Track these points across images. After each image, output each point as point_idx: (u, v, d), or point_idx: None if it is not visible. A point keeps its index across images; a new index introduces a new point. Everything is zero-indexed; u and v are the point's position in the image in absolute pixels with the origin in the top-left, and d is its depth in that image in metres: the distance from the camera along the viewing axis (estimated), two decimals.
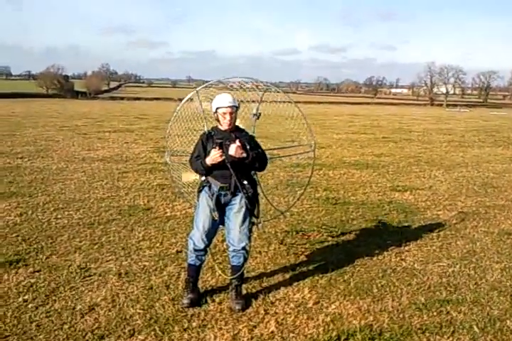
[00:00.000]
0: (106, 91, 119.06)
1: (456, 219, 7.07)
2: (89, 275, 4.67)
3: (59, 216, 6.71)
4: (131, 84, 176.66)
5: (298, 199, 6.31)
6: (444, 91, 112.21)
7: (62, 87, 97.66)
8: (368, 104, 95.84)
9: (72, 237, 5.82)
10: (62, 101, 69.62)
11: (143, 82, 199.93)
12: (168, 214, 7.01)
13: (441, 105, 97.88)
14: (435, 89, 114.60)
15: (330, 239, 6.03)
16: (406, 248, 5.72)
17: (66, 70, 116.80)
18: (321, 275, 4.77)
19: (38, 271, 4.73)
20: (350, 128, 24.76)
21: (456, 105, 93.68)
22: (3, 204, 7.25)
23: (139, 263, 5.02)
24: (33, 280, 4.49)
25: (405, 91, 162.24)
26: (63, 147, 14.13)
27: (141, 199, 7.86)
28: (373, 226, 6.65)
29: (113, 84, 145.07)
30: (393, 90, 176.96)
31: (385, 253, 5.52)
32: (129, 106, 54.52)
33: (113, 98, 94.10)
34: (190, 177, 5.20)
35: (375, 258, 5.33)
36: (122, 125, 23.13)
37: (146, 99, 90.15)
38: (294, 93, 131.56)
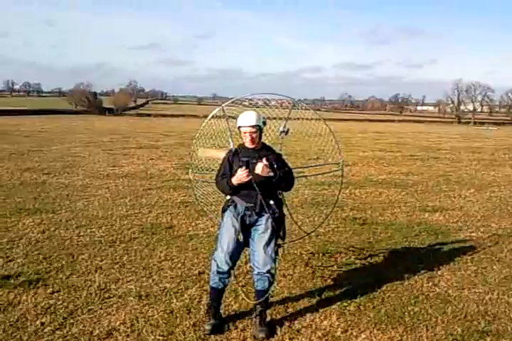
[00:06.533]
0: (133, 108, 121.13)
1: (491, 242, 6.74)
2: (109, 297, 4.53)
3: (81, 233, 6.64)
4: (157, 101, 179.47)
5: (324, 220, 6.09)
6: (471, 108, 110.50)
7: (90, 103, 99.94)
8: (392, 121, 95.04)
9: (94, 256, 5.72)
10: (89, 117, 71.04)
11: (169, 99, 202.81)
12: (191, 232, 6.87)
13: (468, 123, 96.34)
14: (462, 107, 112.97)
15: (358, 261, 5.79)
16: (438, 272, 5.43)
17: (95, 87, 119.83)
18: (349, 301, 4.53)
19: (57, 292, 4.61)
20: (376, 145, 24.46)
21: (483, 123, 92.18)
22: (28, 221, 7.23)
23: (160, 285, 4.87)
24: (51, 302, 4.37)
25: (431, 108, 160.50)
26: (89, 163, 14.23)
27: (164, 216, 7.75)
28: (403, 249, 6.38)
29: (140, 101, 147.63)
30: (419, 108, 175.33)
31: (417, 277, 5.24)
32: (155, 122, 55.27)
33: (140, 114, 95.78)
34: (210, 153, 5.12)
35: (406, 283, 5.06)
36: (148, 141, 23.32)
37: (172, 115, 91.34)
38: (318, 110, 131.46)
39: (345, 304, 4.48)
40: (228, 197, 4.19)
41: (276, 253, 4.11)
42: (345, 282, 5.06)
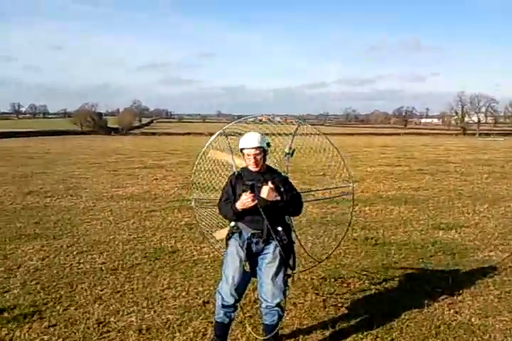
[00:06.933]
0: (138, 127, 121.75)
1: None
2: (108, 331, 4.24)
3: (81, 260, 6.37)
4: (162, 120, 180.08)
5: (336, 247, 5.74)
6: (476, 120, 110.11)
7: (95, 123, 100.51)
8: (398, 134, 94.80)
9: (93, 285, 5.44)
10: (95, 137, 71.27)
11: (173, 118, 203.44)
12: (196, 257, 6.58)
13: (473, 134, 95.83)
14: (466, 118, 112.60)
15: (372, 287, 5.45)
16: (459, 297, 5.09)
17: (99, 107, 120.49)
18: (365, 333, 4.21)
19: (53, 326, 4.34)
20: (383, 160, 24.13)
21: (488, 134, 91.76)
22: (27, 247, 6.98)
23: (163, 317, 4.57)
24: (46, 338, 4.10)
25: (435, 120, 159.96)
26: (92, 184, 14.02)
27: (168, 240, 7.48)
28: (419, 271, 6.05)
29: (145, 120, 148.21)
30: (423, 120, 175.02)
31: (436, 304, 4.91)
32: (160, 141, 55.27)
33: (145, 133, 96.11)
34: (220, 155, 4.89)
35: (425, 311, 4.72)
36: (152, 161, 23.14)
37: (178, 134, 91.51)
38: (322, 125, 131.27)
39: (360, 336, 4.17)
40: (232, 223, 3.93)
41: (286, 283, 3.81)
42: (359, 311, 4.73)
